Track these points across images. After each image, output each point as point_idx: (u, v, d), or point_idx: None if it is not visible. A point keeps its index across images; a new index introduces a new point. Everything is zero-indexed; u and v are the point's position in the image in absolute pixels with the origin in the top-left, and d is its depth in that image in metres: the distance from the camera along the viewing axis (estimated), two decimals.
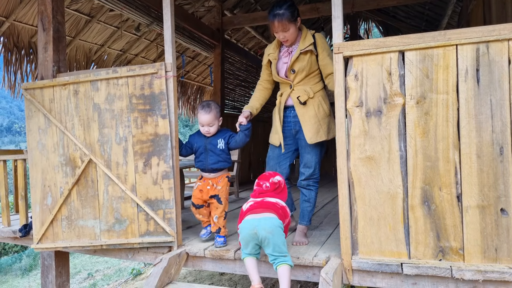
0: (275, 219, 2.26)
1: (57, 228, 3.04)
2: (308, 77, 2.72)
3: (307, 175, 2.75)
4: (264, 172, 2.60)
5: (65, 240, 3.02)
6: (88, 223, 2.96)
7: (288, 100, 2.78)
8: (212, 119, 2.76)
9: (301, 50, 2.66)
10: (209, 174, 2.81)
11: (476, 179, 2.07)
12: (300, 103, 2.69)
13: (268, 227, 2.20)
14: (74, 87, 2.98)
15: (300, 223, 2.80)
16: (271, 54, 2.81)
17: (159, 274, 2.46)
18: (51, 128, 3.03)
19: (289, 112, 2.79)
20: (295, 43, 2.75)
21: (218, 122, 2.80)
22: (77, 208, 2.98)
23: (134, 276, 6.53)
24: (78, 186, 2.97)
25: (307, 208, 2.80)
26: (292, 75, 2.72)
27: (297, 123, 2.75)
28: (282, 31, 2.63)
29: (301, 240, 2.70)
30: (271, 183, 2.48)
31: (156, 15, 5.13)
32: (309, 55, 2.67)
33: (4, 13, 4.37)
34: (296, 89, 2.73)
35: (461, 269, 2.07)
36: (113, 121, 2.89)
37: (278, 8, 2.60)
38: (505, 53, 2.02)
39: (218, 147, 2.79)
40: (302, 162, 2.78)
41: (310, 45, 2.66)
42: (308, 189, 2.79)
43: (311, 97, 2.69)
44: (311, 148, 2.72)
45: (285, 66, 2.75)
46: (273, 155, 2.86)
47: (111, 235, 2.90)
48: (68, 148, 2.99)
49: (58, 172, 3.02)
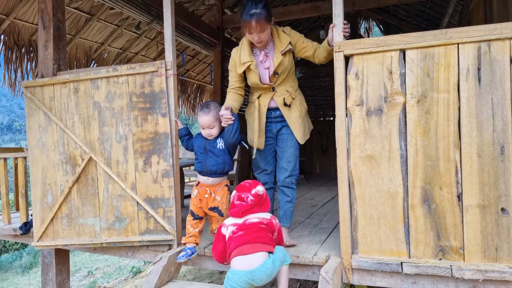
0: (268, 263, 2.03)
1: (57, 226, 3.04)
2: (288, 76, 2.65)
3: (290, 170, 2.68)
4: (243, 182, 2.34)
5: (66, 238, 3.02)
6: (88, 221, 2.95)
7: (270, 102, 2.68)
8: (212, 121, 2.56)
9: (281, 51, 2.55)
10: (207, 179, 2.59)
11: (477, 178, 2.07)
12: (285, 105, 2.63)
13: (265, 278, 2.01)
14: (74, 85, 2.97)
15: (284, 225, 2.69)
16: (250, 63, 2.59)
17: (159, 272, 2.46)
18: (52, 126, 3.03)
19: (270, 113, 2.70)
20: (268, 43, 2.62)
21: (219, 123, 2.58)
22: (77, 206, 2.98)
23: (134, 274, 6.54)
24: (78, 184, 2.97)
25: (289, 209, 2.72)
26: (275, 78, 2.62)
27: (279, 122, 2.69)
28: (259, 32, 2.45)
29: (292, 241, 2.64)
30: (255, 195, 2.23)
31: (156, 13, 5.12)
32: (288, 55, 2.60)
33: (4, 11, 4.37)
34: (279, 91, 2.64)
35: (461, 269, 2.07)
36: (113, 119, 2.88)
37: (254, 7, 2.42)
38: (506, 52, 2.01)
39: (217, 147, 2.59)
40: (284, 157, 2.69)
41: (288, 44, 2.56)
42: (291, 188, 2.72)
43: (293, 98, 2.66)
44: (293, 142, 2.69)
45: (267, 71, 2.61)
46: (260, 157, 2.76)
47: (111, 233, 2.90)
48: (68, 146, 2.99)
49: (58, 170, 3.02)
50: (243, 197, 2.24)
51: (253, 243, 2.08)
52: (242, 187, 2.30)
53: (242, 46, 2.66)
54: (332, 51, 2.37)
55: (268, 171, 2.76)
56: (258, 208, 2.24)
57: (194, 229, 2.61)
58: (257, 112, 2.68)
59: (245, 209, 2.21)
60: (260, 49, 2.63)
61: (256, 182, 2.33)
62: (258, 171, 2.80)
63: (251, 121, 2.76)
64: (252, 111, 2.75)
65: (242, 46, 2.66)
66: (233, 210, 2.25)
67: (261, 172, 2.78)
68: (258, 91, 2.72)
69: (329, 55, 2.51)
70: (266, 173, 2.77)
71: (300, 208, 4.16)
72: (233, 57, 2.71)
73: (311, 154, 8.35)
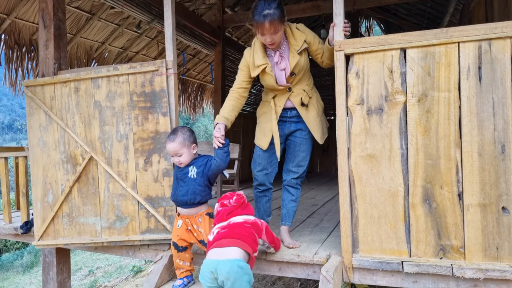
0: (236, 261, 1.93)
1: (58, 225, 3.04)
2: (304, 75, 2.58)
3: (300, 173, 2.64)
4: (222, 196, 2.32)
5: (66, 237, 3.02)
6: (89, 220, 2.96)
7: (287, 102, 2.60)
8: (179, 148, 2.36)
9: (297, 51, 2.46)
10: (182, 209, 2.42)
11: (478, 177, 2.07)
12: (303, 105, 2.57)
13: (225, 272, 1.89)
14: (75, 85, 2.97)
15: (285, 224, 2.65)
16: (265, 65, 2.49)
17: (159, 271, 2.47)
18: (52, 125, 3.04)
19: (286, 113, 2.62)
20: (281, 44, 2.51)
21: (189, 150, 2.40)
22: (78, 205, 2.98)
23: (135, 273, 6.55)
24: (79, 183, 2.97)
25: (293, 208, 2.66)
26: (292, 79, 2.53)
27: (294, 123, 2.62)
28: (273, 34, 2.35)
29: (293, 242, 2.58)
30: (237, 197, 2.24)
31: (157, 12, 5.12)
32: (304, 53, 2.53)
33: (5, 11, 4.37)
34: (295, 91, 2.57)
35: (462, 268, 2.07)
36: (114, 118, 2.88)
37: (267, 7, 2.31)
38: (507, 51, 2.01)
39: (189, 175, 2.38)
40: (295, 161, 2.64)
41: (304, 43, 2.48)
42: (296, 188, 2.68)
43: (310, 96, 2.59)
44: (306, 147, 2.64)
45: (283, 73, 2.51)
46: (263, 154, 2.66)
47: (112, 232, 2.90)
48: (69, 146, 2.99)
49: (59, 170, 3.02)
50: (225, 203, 2.25)
51: (231, 238, 2.04)
52: (224, 197, 2.31)
53: (255, 48, 2.54)
54: (333, 51, 2.37)
55: (268, 171, 2.68)
56: (241, 211, 2.24)
57: (184, 262, 2.44)
58: (273, 113, 2.59)
59: (229, 211, 2.22)
60: (274, 49, 2.52)
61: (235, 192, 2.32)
62: (258, 168, 2.69)
63: (263, 121, 2.67)
64: (265, 110, 2.66)
65: (255, 48, 2.54)
66: (218, 216, 2.24)
67: (260, 171, 2.68)
68: (274, 91, 2.62)
69: (331, 54, 2.46)
70: (266, 172, 2.67)
71: (301, 207, 4.16)
72: (246, 57, 2.60)
73: (312, 153, 8.32)
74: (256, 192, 2.72)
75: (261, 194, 2.70)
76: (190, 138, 2.41)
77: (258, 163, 2.69)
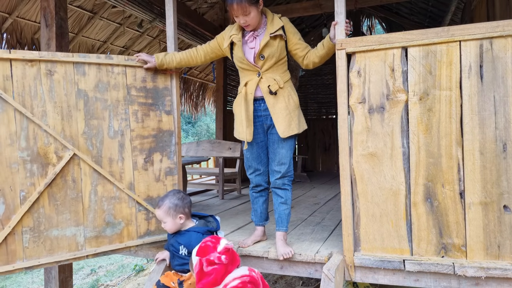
0: None
1: (14, 244, 2.32)
2: (276, 64, 2.51)
3: (283, 172, 2.53)
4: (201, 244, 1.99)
5: (29, 259, 2.36)
6: (66, 232, 2.46)
7: (256, 90, 2.53)
8: (162, 216, 2.39)
9: (270, 33, 2.46)
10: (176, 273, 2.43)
11: (479, 175, 2.07)
12: (271, 93, 2.48)
13: None
14: (46, 66, 2.43)
15: (279, 230, 2.55)
16: (235, 36, 2.54)
17: (161, 270, 2.47)
18: (7, 113, 2.32)
19: (259, 105, 2.55)
20: (259, 27, 2.53)
21: (174, 220, 2.38)
22: (49, 216, 2.41)
23: (137, 272, 6.56)
24: (52, 188, 2.41)
25: (284, 211, 2.56)
26: (261, 62, 2.49)
27: (268, 116, 2.53)
28: (243, 15, 2.41)
29: (287, 251, 2.43)
30: (225, 251, 1.91)
31: (159, 11, 5.13)
32: (279, 40, 2.48)
33: (7, 10, 4.38)
34: (265, 78, 2.50)
35: (464, 266, 2.07)
36: (105, 112, 2.58)
37: None
38: (509, 50, 2.01)
39: (180, 253, 2.38)
40: (275, 159, 2.55)
41: (280, 29, 2.47)
42: (284, 189, 2.56)
43: (281, 87, 2.50)
44: (286, 143, 2.54)
45: (252, 51, 2.51)
46: (251, 155, 2.62)
47: (100, 241, 2.56)
48: (35, 141, 2.38)
49: (17, 172, 2.33)
50: (213, 259, 1.89)
51: None
52: (204, 250, 1.94)
53: (235, 26, 2.61)
54: (332, 49, 2.36)
55: (260, 171, 2.63)
56: (232, 266, 1.91)
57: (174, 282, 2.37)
58: (243, 100, 2.54)
59: (222, 272, 1.87)
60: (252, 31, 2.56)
61: (215, 237, 2.05)
62: (250, 171, 2.66)
63: (238, 112, 2.61)
64: (239, 101, 2.60)
65: (235, 26, 2.61)
66: (208, 279, 1.87)
67: (252, 173, 2.64)
68: (245, 77, 2.59)
69: (326, 54, 2.45)
70: (259, 173, 2.63)
71: (302, 205, 4.17)
72: (225, 31, 2.66)
73: (313, 152, 8.36)
74: (253, 193, 2.69)
75: (258, 195, 2.68)
76: (177, 208, 2.39)
77: (248, 166, 2.67)
